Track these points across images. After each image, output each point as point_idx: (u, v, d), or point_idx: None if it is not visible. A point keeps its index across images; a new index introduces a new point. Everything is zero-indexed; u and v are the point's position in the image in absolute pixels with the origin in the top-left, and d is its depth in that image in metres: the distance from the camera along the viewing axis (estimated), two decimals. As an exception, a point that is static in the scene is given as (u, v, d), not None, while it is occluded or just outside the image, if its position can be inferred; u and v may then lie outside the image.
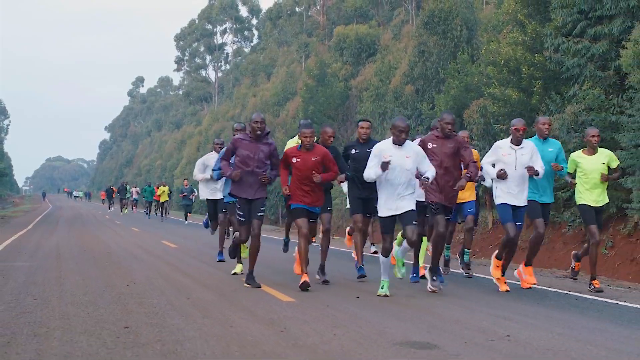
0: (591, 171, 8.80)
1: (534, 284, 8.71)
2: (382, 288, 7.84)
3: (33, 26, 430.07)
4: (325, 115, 33.17)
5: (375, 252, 12.03)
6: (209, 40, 74.01)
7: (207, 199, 11.84)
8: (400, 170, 7.63)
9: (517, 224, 8.21)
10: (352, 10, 43.59)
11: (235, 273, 9.72)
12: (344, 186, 10.04)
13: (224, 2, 71.95)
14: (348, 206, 9.71)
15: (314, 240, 9.80)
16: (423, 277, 9.12)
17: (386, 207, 7.74)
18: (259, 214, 8.32)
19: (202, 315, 6.37)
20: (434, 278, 8.18)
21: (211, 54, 74.53)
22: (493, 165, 8.36)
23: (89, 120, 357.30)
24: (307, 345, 5.16)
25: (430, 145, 8.12)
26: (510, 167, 8.15)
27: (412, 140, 8.39)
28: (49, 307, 6.74)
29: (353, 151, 9.04)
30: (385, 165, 7.52)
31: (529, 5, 18.61)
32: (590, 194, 8.82)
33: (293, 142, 9.85)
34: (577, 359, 4.91)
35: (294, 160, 8.21)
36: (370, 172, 7.73)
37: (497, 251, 8.68)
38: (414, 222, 7.67)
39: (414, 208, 7.74)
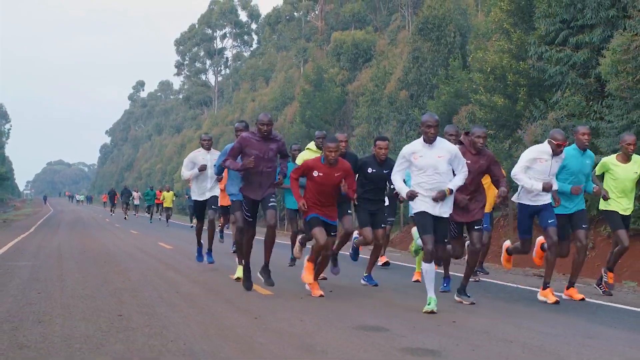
0: (623, 179, 8.47)
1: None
2: (428, 304, 6.85)
3: (33, 26, 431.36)
4: (322, 120, 33.71)
5: (386, 263, 11.89)
6: (208, 45, 74.47)
7: (194, 200, 11.19)
8: (432, 173, 6.81)
9: (549, 221, 7.68)
10: (350, 16, 43.87)
11: (238, 278, 9.09)
12: None
13: (223, 7, 72.46)
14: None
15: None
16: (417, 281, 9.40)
17: (425, 201, 6.87)
18: (270, 204, 7.91)
19: (188, 306, 7.09)
20: (469, 295, 7.61)
21: (211, 59, 75.02)
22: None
23: (89, 122, 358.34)
24: (275, 329, 5.88)
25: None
26: (545, 175, 7.67)
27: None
28: (52, 299, 7.43)
29: (370, 170, 8.64)
30: (412, 196, 6.88)
31: (514, 15, 19.26)
32: (618, 203, 8.52)
33: (311, 154, 9.43)
34: (507, 339, 5.61)
35: (316, 174, 7.63)
36: (397, 178, 7.10)
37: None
38: (444, 240, 7.12)
39: (447, 221, 7.09)
